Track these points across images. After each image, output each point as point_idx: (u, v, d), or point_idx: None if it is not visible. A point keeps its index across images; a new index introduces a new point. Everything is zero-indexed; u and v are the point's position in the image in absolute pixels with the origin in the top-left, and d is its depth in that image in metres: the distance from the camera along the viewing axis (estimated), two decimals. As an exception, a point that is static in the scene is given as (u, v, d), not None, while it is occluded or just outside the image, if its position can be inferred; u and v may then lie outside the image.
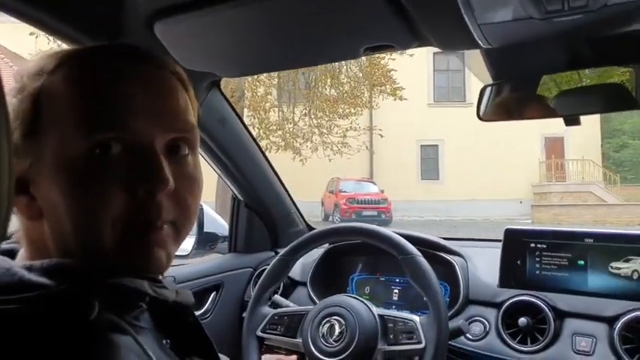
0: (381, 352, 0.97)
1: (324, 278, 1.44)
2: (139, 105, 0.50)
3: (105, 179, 0.48)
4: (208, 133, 1.26)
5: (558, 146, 18.02)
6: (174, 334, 0.54)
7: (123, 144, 0.49)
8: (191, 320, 0.58)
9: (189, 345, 0.56)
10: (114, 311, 0.46)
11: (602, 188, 16.64)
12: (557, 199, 16.05)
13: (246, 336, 1.09)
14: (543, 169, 17.79)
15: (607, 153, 22.06)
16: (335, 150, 11.26)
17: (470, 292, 1.21)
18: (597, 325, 1.04)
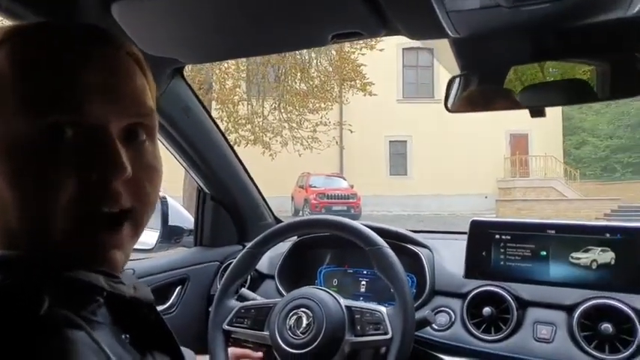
0: (348, 343, 0.97)
1: (292, 271, 1.42)
2: (93, 86, 0.47)
3: (56, 165, 0.45)
4: (172, 122, 1.23)
5: (523, 143, 18.53)
6: (134, 328, 0.52)
7: (75, 128, 0.46)
8: (152, 316, 0.56)
9: (149, 340, 0.54)
10: (67, 306, 0.44)
11: (563, 184, 17.22)
12: (521, 194, 16.50)
13: (212, 330, 1.07)
14: (508, 164, 18.27)
15: (568, 150, 22.81)
16: (305, 145, 11.24)
17: (436, 282, 1.22)
18: (557, 313, 1.07)
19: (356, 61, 10.75)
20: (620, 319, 0.99)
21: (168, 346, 0.57)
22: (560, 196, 16.28)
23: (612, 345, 0.98)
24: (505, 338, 1.07)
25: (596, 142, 25.09)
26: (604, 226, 1.08)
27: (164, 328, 0.58)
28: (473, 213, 15.03)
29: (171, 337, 0.58)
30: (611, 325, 0.98)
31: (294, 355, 0.97)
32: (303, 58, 10.28)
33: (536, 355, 1.03)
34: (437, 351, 1.13)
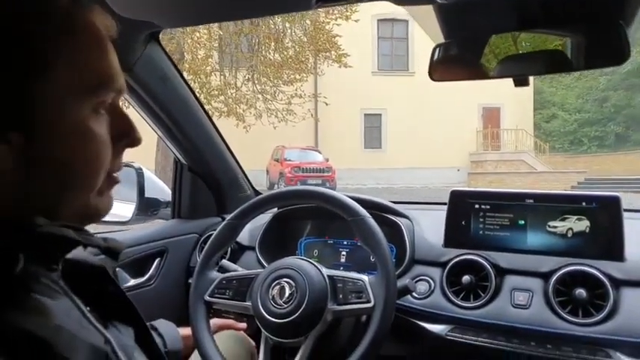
0: (330, 311, 0.97)
1: (273, 243, 1.42)
2: (112, 56, 0.51)
3: (105, 136, 0.50)
4: (148, 90, 1.19)
5: (495, 116, 18.78)
6: (94, 300, 0.51)
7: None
8: (110, 287, 0.56)
9: (110, 311, 0.54)
10: (41, 263, 0.44)
11: (533, 157, 17.61)
12: (492, 167, 16.83)
13: (194, 301, 1.06)
14: (480, 138, 18.54)
15: (538, 123, 23.27)
16: (280, 117, 11.11)
17: (415, 252, 1.24)
18: (534, 280, 1.09)
19: (331, 31, 10.59)
20: (594, 285, 1.02)
21: (130, 317, 0.57)
22: (530, 168, 16.67)
23: (585, 309, 1.01)
24: (483, 305, 1.09)
25: (565, 116, 25.66)
26: (580, 195, 1.10)
27: (124, 300, 0.57)
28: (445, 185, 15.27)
29: (132, 308, 0.58)
30: (585, 291, 1.01)
31: (276, 324, 0.97)
32: (277, 27, 10.07)
33: (513, 321, 1.05)
34: (417, 318, 1.15)
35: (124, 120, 0.52)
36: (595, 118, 24.83)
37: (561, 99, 26.42)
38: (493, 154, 17.74)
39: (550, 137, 24.43)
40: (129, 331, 0.56)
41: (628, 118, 23.92)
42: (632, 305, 0.99)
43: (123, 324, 0.55)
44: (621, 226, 1.04)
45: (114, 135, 0.51)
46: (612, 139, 24.10)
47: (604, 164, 19.17)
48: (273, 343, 1.00)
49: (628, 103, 23.81)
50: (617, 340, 0.97)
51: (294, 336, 0.97)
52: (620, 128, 24.19)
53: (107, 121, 0.50)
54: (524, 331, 1.04)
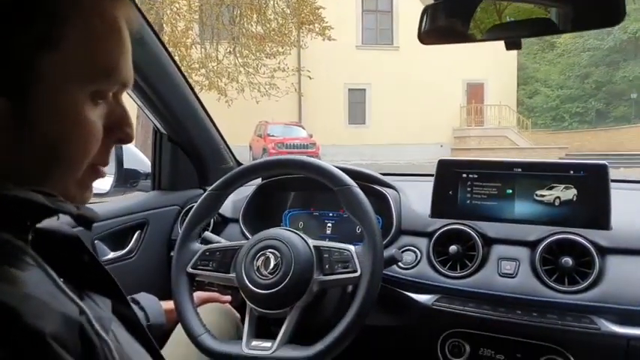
0: (316, 282, 0.95)
1: (257, 214, 1.39)
2: (125, 50, 0.50)
3: (97, 125, 0.48)
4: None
5: (479, 91, 18.85)
6: (68, 272, 0.49)
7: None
8: (85, 257, 0.53)
9: (86, 282, 0.51)
10: (10, 229, 0.42)
11: (516, 132, 17.78)
12: (476, 143, 16.95)
13: (176, 273, 1.03)
14: (464, 113, 18.62)
15: (521, 99, 23.45)
16: (262, 91, 10.98)
17: (402, 222, 1.22)
18: (521, 249, 1.09)
19: (315, 3, 10.40)
20: (580, 253, 1.02)
21: (107, 288, 0.54)
22: (513, 144, 16.83)
23: (571, 277, 1.01)
24: (470, 274, 1.09)
25: (548, 92, 25.89)
26: (568, 163, 1.09)
27: (100, 270, 0.55)
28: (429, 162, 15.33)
29: (109, 278, 0.56)
30: (571, 259, 1.01)
31: (262, 295, 0.95)
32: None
33: (500, 290, 1.05)
34: (403, 288, 1.14)
35: (122, 114, 0.51)
36: (577, 95, 25.10)
37: (544, 75, 26.60)
38: (476, 130, 17.85)
39: (532, 113, 24.68)
40: (106, 303, 0.53)
41: (608, 95, 24.25)
42: (616, 273, 1.00)
43: (99, 295, 0.52)
44: (608, 194, 1.04)
45: (107, 127, 0.49)
46: (593, 116, 24.45)
47: (584, 140, 19.47)
48: (259, 314, 0.98)
49: (609, 79, 24.09)
50: (601, 306, 0.98)
51: (279, 307, 0.96)
52: (600, 104, 24.53)
53: (104, 112, 0.49)
54: (510, 300, 1.04)
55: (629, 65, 23.37)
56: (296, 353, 0.90)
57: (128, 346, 0.49)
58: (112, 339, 0.46)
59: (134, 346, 0.53)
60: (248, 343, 0.94)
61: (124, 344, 0.48)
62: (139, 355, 0.52)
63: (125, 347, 0.48)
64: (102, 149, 0.50)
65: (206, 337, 0.95)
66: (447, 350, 1.14)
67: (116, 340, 0.47)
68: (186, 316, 0.98)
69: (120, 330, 0.52)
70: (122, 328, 0.53)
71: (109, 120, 0.50)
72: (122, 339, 0.49)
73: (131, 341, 0.53)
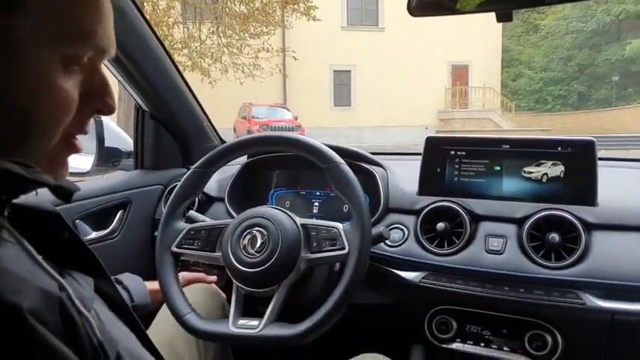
0: (304, 260, 0.94)
1: (243, 193, 1.37)
2: (101, 13, 0.46)
3: (71, 92, 0.45)
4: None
5: (463, 73, 18.88)
6: (48, 249, 0.46)
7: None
8: (65, 233, 0.51)
9: (66, 260, 0.49)
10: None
11: (500, 115, 17.89)
12: (460, 125, 17.03)
13: (160, 252, 1.01)
14: (449, 95, 18.66)
15: (505, 81, 23.56)
16: (246, 72, 10.83)
17: (390, 200, 1.21)
18: (508, 226, 1.09)
19: (299, -18, 10.25)
20: (566, 229, 1.02)
21: (89, 266, 0.52)
22: (497, 127, 16.95)
23: (558, 253, 1.02)
24: (458, 251, 1.09)
25: (532, 74, 26.04)
26: (556, 139, 1.09)
27: (81, 247, 0.52)
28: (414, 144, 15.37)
29: (91, 255, 0.53)
30: (558, 235, 1.01)
31: (248, 274, 0.94)
32: (243, -22, 9.68)
33: (487, 266, 1.05)
34: (391, 266, 1.14)
35: (101, 83, 0.48)
36: (560, 77, 25.30)
37: (528, 57, 26.72)
38: (461, 112, 17.93)
39: (516, 96, 24.84)
40: (88, 281, 0.51)
41: (590, 77, 24.49)
42: (602, 248, 1.01)
43: (81, 273, 0.50)
44: (595, 170, 1.04)
45: (84, 95, 0.46)
46: (575, 98, 24.72)
47: (567, 123, 19.71)
48: (245, 293, 0.97)
49: (591, 62, 24.30)
50: (586, 281, 0.99)
51: (266, 285, 0.94)
52: (583, 87, 24.78)
53: (80, 80, 0.46)
54: (497, 276, 1.04)
55: (612, 48, 23.59)
56: (283, 331, 0.89)
57: (111, 326, 0.48)
58: (95, 317, 0.44)
59: (118, 325, 0.51)
60: (235, 322, 0.93)
61: (107, 323, 0.46)
62: (122, 334, 0.50)
63: (108, 326, 0.46)
64: (78, 118, 0.47)
65: (192, 317, 0.93)
66: (434, 327, 1.15)
67: (99, 319, 0.45)
68: (172, 295, 0.96)
69: (103, 309, 0.50)
70: (105, 307, 0.51)
71: (85, 88, 0.47)
72: (105, 318, 0.47)
73: (115, 320, 0.51)
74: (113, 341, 0.43)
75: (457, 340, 1.14)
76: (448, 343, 1.14)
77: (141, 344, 0.53)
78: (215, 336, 0.93)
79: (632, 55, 21.87)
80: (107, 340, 0.41)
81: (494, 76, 19.57)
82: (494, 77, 19.41)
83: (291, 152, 1.04)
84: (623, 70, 23.03)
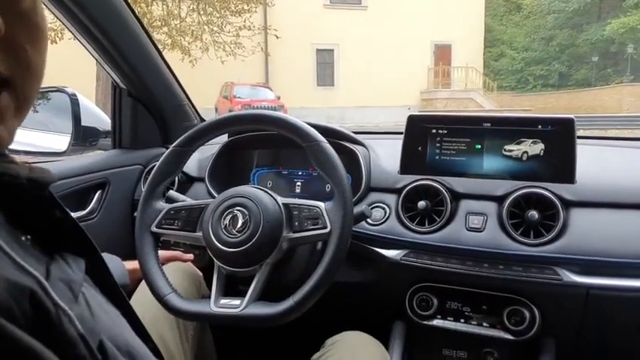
0: (286, 239, 0.94)
1: (224, 173, 1.36)
2: None
3: None
4: (79, 2, 1.05)
5: (446, 53, 18.87)
6: (37, 229, 0.44)
7: None
8: (55, 212, 0.47)
9: (57, 240, 0.46)
10: None
11: (482, 95, 17.98)
12: (442, 105, 17.09)
13: (140, 233, 0.99)
14: (432, 75, 18.66)
15: (487, 61, 23.63)
16: (228, 51, 10.64)
17: (372, 179, 1.21)
18: (488, 204, 1.10)
19: (281, -42, 10.04)
20: (545, 207, 1.03)
21: (81, 246, 0.49)
22: (479, 107, 17.05)
23: (537, 230, 1.03)
24: (438, 229, 1.10)
25: (514, 54, 26.16)
26: (537, 117, 1.09)
27: (73, 226, 0.49)
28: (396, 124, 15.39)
29: (83, 235, 0.50)
30: (537, 212, 1.03)
31: (230, 253, 0.93)
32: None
33: (467, 244, 1.06)
34: (373, 244, 1.15)
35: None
36: (541, 57, 25.48)
37: (510, 37, 26.80)
38: (443, 92, 17.97)
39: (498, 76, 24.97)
40: (78, 263, 0.48)
41: (571, 58, 24.71)
42: (579, 225, 1.02)
43: (72, 255, 0.47)
44: (574, 149, 1.05)
45: None
46: (556, 78, 24.95)
47: (547, 103, 19.93)
48: (227, 272, 0.96)
49: (572, 42, 24.49)
50: (563, 258, 1.00)
51: (248, 265, 0.94)
52: (563, 67, 25.01)
53: None
54: (477, 254, 1.06)
55: (592, 28, 23.78)
56: (265, 310, 0.89)
57: (99, 309, 0.46)
58: (82, 302, 0.42)
59: (107, 308, 0.49)
60: (217, 302, 0.92)
61: (94, 307, 0.44)
62: (111, 317, 0.48)
63: (95, 310, 0.44)
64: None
65: (173, 297, 0.92)
66: (415, 304, 1.16)
67: (86, 303, 0.44)
68: (152, 276, 0.95)
69: (92, 292, 0.48)
70: (96, 290, 0.50)
71: None
72: (93, 302, 0.45)
73: (104, 303, 0.50)
74: (96, 330, 0.41)
75: (437, 317, 1.15)
76: (429, 319, 1.15)
77: (131, 327, 0.52)
78: (197, 315, 0.92)
79: (612, 35, 22.10)
80: (88, 330, 0.39)
81: (477, 55, 19.61)
82: (476, 57, 19.45)
83: (272, 131, 1.02)
84: (603, 51, 23.29)
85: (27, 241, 0.42)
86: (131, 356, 0.46)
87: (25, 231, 0.42)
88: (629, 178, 1.08)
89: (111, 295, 0.52)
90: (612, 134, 12.54)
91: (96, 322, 0.42)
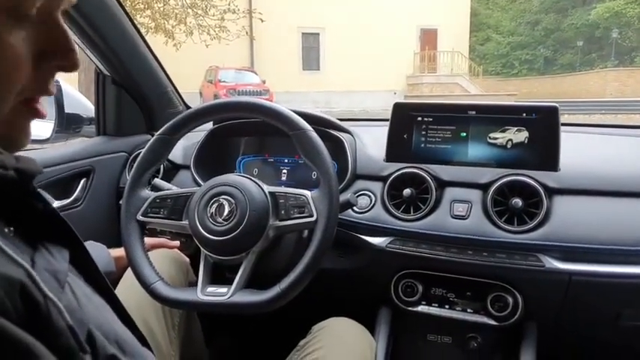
0: (272, 227, 0.94)
1: (210, 161, 1.35)
2: None
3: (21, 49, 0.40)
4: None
5: (432, 37, 18.82)
6: (20, 220, 0.43)
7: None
8: (39, 204, 0.47)
9: (41, 231, 0.46)
10: None
11: (467, 80, 18.01)
12: (428, 90, 17.10)
13: (126, 221, 0.99)
14: (417, 60, 18.62)
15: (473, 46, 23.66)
16: (212, 34, 10.49)
17: (357, 167, 1.22)
18: (473, 191, 1.11)
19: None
20: (529, 194, 1.05)
21: (64, 237, 0.49)
22: (464, 91, 17.10)
23: (520, 218, 1.05)
24: (423, 217, 1.11)
25: (499, 38, 26.21)
26: (521, 105, 1.10)
27: (57, 218, 0.49)
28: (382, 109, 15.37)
29: (66, 226, 0.50)
30: (521, 200, 1.04)
31: (216, 242, 0.93)
32: None
33: (452, 231, 1.08)
34: (358, 232, 1.15)
35: (58, 35, 0.43)
36: (526, 42, 25.58)
37: (496, 21, 26.82)
38: (429, 77, 17.97)
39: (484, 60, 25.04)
40: (62, 254, 0.48)
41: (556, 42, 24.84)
42: (562, 213, 1.04)
43: (56, 245, 0.47)
44: (558, 136, 1.06)
45: (39, 51, 0.42)
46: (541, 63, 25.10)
47: (532, 87, 20.06)
48: (214, 260, 0.96)
49: (557, 26, 24.60)
50: (546, 245, 1.02)
51: (235, 253, 0.94)
52: (548, 52, 25.15)
53: (31, 35, 0.41)
54: (462, 241, 1.07)
55: (577, 12, 23.91)
56: (252, 297, 0.89)
57: (85, 299, 0.46)
58: (68, 292, 0.42)
59: (92, 297, 0.50)
60: (203, 290, 0.93)
61: (80, 297, 0.45)
62: (96, 309, 0.48)
63: (82, 300, 0.44)
64: (38, 78, 0.43)
65: (160, 285, 0.92)
66: (400, 290, 1.17)
67: (72, 293, 0.43)
68: (139, 264, 0.95)
69: (77, 282, 0.48)
70: (80, 279, 0.50)
71: (42, 43, 0.42)
72: (79, 292, 0.45)
73: (89, 293, 0.50)
74: (84, 321, 0.41)
75: (422, 303, 1.17)
76: (414, 305, 1.17)
77: (117, 317, 0.52)
78: (184, 304, 0.93)
79: (597, 20, 22.25)
80: (77, 320, 0.39)
81: (463, 40, 19.60)
82: (462, 41, 19.44)
83: (258, 118, 1.02)
84: (588, 35, 23.44)
85: (10, 232, 0.42)
86: (119, 345, 0.47)
87: (8, 222, 0.42)
88: (613, 166, 1.10)
89: (95, 285, 0.52)
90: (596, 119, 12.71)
91: (83, 313, 0.43)
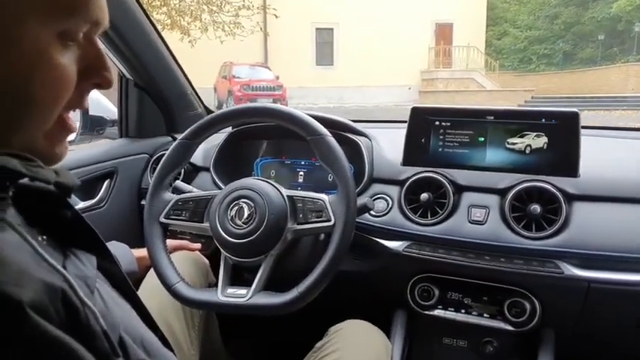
0: (290, 231, 0.96)
1: (228, 163, 1.37)
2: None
3: (69, 68, 0.45)
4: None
5: (447, 32, 18.64)
6: (51, 229, 0.45)
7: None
8: (68, 213, 0.50)
9: (70, 239, 0.47)
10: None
11: (483, 75, 17.80)
12: (443, 86, 16.95)
13: (149, 223, 1.02)
14: (432, 55, 18.45)
15: (490, 40, 23.34)
16: (227, 31, 10.54)
17: (374, 170, 1.22)
18: (491, 197, 1.11)
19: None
20: (548, 200, 1.05)
21: (92, 244, 0.52)
22: (480, 87, 16.91)
23: (538, 224, 1.04)
24: (441, 222, 1.11)
25: (517, 33, 25.81)
26: (541, 111, 1.10)
27: (84, 225, 0.51)
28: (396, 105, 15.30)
29: (93, 233, 0.52)
30: (539, 206, 1.04)
31: (236, 244, 0.95)
32: None
33: (469, 236, 1.08)
34: (375, 236, 1.16)
35: (97, 57, 0.47)
36: (545, 36, 25.15)
37: (513, 15, 26.43)
38: (444, 72, 17.80)
39: (500, 55, 24.70)
40: (90, 260, 0.50)
41: (576, 36, 24.37)
42: (581, 219, 1.03)
43: (84, 252, 0.49)
44: (578, 143, 1.05)
45: (82, 71, 0.46)
46: (560, 57, 24.66)
47: (551, 83, 19.75)
48: (233, 262, 0.99)
49: (577, 20, 24.12)
50: (565, 252, 1.02)
51: (254, 255, 0.96)
52: (568, 46, 24.69)
53: (77, 55, 0.45)
54: (479, 246, 1.07)
55: (598, 5, 23.40)
56: (271, 300, 0.91)
57: (113, 303, 0.48)
58: (98, 298, 0.44)
59: (119, 302, 0.52)
60: (223, 291, 0.95)
61: (108, 302, 0.47)
62: (123, 312, 0.51)
63: (110, 305, 0.46)
64: (77, 93, 0.46)
65: (181, 286, 0.95)
66: (416, 294, 1.18)
67: (101, 298, 0.46)
68: (161, 265, 0.98)
69: (105, 287, 0.50)
70: (107, 284, 0.52)
71: (83, 63, 0.46)
72: (107, 296, 0.48)
73: (115, 297, 0.52)
74: (115, 325, 0.43)
75: (439, 307, 1.17)
76: (430, 309, 1.18)
77: (141, 319, 0.54)
78: (204, 304, 0.95)
79: (619, 12, 21.76)
80: (110, 325, 0.41)
81: (479, 34, 19.37)
82: (478, 36, 19.22)
83: (277, 123, 1.04)
84: (609, 29, 22.96)
85: (43, 241, 0.44)
86: (144, 347, 0.49)
87: (40, 232, 0.44)
88: (633, 172, 1.08)
89: (121, 289, 0.54)
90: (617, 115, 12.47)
91: (113, 317, 0.45)
